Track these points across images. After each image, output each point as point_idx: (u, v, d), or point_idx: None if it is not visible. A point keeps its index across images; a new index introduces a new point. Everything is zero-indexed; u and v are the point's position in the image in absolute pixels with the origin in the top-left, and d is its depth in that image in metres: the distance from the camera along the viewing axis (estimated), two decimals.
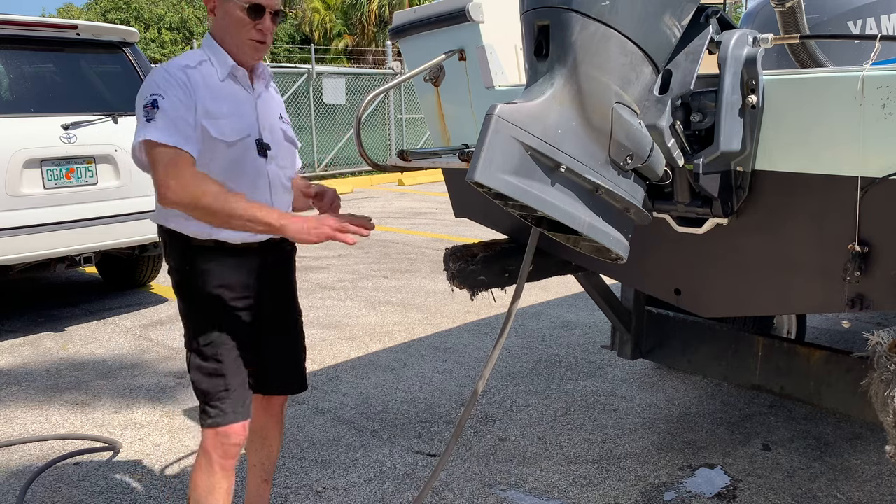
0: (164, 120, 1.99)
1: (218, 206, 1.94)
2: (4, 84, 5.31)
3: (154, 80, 2.06)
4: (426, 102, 2.85)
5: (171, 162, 1.98)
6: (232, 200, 1.96)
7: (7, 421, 3.79)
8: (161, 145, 1.98)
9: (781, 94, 1.80)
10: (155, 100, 2.00)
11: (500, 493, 3.01)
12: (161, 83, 2.04)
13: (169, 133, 1.99)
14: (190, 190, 1.96)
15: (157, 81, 2.04)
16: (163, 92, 2.01)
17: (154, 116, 1.99)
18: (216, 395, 2.22)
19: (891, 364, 1.83)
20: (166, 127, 1.99)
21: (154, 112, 1.99)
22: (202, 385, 2.23)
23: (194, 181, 1.97)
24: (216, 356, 2.21)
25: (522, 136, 1.59)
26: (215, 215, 1.97)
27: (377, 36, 29.69)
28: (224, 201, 1.95)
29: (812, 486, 3.02)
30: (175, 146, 1.99)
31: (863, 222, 1.78)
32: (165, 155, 1.98)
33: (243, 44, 2.15)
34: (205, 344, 2.21)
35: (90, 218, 5.20)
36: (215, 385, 2.22)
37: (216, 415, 2.23)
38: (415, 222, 9.73)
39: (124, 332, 5.23)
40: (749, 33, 1.81)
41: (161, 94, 2.01)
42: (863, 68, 1.65)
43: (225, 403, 2.23)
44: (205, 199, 1.95)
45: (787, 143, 1.83)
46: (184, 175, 1.97)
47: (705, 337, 3.06)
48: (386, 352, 4.76)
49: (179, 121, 2.01)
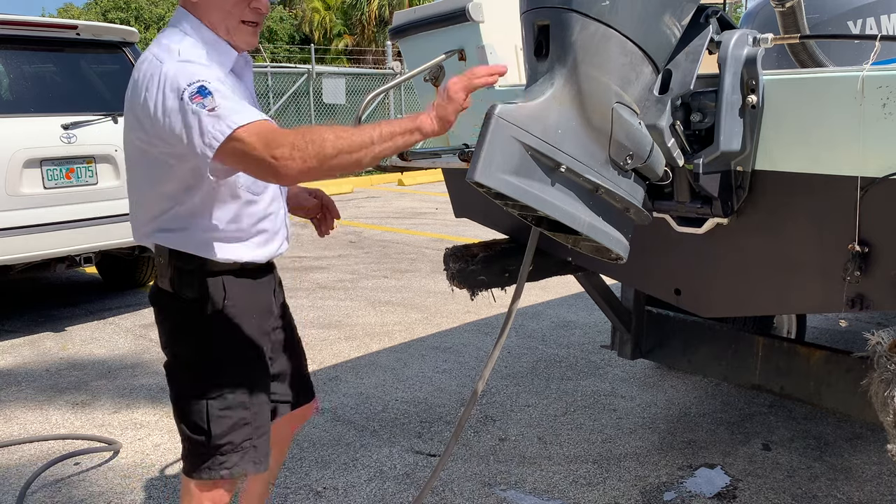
0: (227, 101, 1.64)
1: (346, 145, 1.60)
2: (4, 84, 5.31)
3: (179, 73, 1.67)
4: (426, 102, 2.85)
5: (270, 133, 1.62)
6: (352, 133, 1.63)
7: (7, 421, 3.79)
8: (246, 126, 1.62)
9: (781, 94, 1.80)
10: (202, 86, 1.64)
11: (500, 493, 3.01)
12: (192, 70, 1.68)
13: (246, 111, 1.64)
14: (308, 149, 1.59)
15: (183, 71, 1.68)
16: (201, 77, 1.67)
17: (214, 105, 1.62)
18: (240, 446, 1.92)
19: (891, 364, 1.83)
20: (238, 107, 1.64)
21: (210, 100, 1.63)
22: (224, 438, 1.89)
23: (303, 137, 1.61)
24: (244, 403, 1.90)
25: (522, 136, 1.59)
26: (348, 159, 1.62)
27: (377, 36, 29.70)
28: (346, 137, 1.61)
29: (812, 485, 3.02)
30: (263, 119, 1.66)
31: (863, 222, 1.78)
32: (258, 131, 1.62)
33: (237, 27, 1.83)
34: (230, 390, 1.88)
35: (90, 218, 5.20)
36: (240, 436, 1.91)
37: (237, 463, 1.92)
38: (415, 222, 9.73)
39: (124, 332, 5.23)
40: (749, 33, 1.81)
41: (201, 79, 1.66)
42: (863, 68, 1.65)
43: (248, 454, 1.93)
44: (328, 149, 1.60)
45: (787, 143, 1.83)
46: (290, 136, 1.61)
47: (705, 337, 3.06)
48: (386, 352, 4.76)
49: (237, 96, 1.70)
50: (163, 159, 1.76)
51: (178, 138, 1.66)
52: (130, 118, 1.78)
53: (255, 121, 1.63)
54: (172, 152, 1.72)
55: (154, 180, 1.82)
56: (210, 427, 1.88)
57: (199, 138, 1.62)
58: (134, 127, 1.77)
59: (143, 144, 1.77)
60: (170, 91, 1.66)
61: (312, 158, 1.58)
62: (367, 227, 9.40)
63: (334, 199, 2.33)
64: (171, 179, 1.79)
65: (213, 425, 1.88)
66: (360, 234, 8.90)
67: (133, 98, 1.76)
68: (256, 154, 1.60)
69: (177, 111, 1.64)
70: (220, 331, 1.89)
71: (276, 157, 1.58)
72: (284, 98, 13.68)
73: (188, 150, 1.67)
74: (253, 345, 1.95)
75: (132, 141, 1.81)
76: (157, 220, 1.86)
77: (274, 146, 1.58)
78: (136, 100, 1.73)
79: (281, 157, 1.58)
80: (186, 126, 1.64)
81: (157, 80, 1.68)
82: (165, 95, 1.66)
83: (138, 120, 1.75)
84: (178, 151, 1.70)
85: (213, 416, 1.88)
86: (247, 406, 1.91)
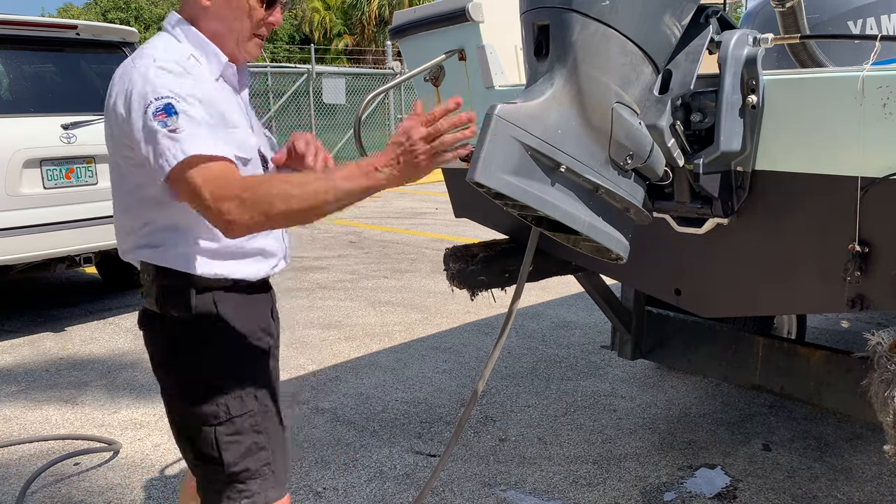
0: (191, 126, 1.54)
1: (296, 205, 1.51)
2: (4, 84, 5.31)
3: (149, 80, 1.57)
4: (426, 102, 2.85)
5: (222, 178, 1.52)
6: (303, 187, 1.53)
7: (7, 421, 3.79)
8: (203, 160, 1.52)
9: (781, 94, 1.80)
10: (169, 104, 1.54)
11: (500, 494, 3.01)
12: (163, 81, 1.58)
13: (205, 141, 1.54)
14: (256, 206, 1.49)
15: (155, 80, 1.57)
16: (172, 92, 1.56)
17: (176, 126, 1.53)
18: (258, 472, 1.77)
19: (891, 364, 1.83)
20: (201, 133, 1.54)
21: (173, 120, 1.53)
22: (238, 465, 1.75)
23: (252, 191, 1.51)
24: (256, 426, 1.76)
25: (522, 136, 1.59)
26: (298, 216, 1.54)
27: (377, 36, 29.71)
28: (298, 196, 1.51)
29: (812, 486, 3.02)
30: (221, 154, 1.55)
31: (863, 222, 1.78)
32: (211, 172, 1.52)
33: (247, 39, 1.74)
34: (239, 414, 1.73)
35: (90, 218, 5.20)
36: (258, 461, 1.77)
37: (258, 491, 1.77)
38: (415, 222, 9.72)
39: (124, 332, 5.23)
40: (749, 33, 1.81)
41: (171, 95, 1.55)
42: (863, 68, 1.65)
43: (268, 480, 1.79)
44: (277, 207, 1.50)
45: (787, 143, 1.83)
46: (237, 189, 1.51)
47: (705, 337, 3.05)
48: (386, 352, 4.76)
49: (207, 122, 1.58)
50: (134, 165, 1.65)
51: (139, 147, 1.57)
52: (106, 123, 1.72)
53: (212, 157, 1.53)
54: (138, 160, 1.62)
55: (129, 189, 1.71)
56: (222, 455, 1.73)
57: (153, 156, 1.55)
58: (107, 132, 1.71)
59: (114, 148, 1.69)
60: (137, 97, 1.57)
61: (260, 216, 1.50)
62: (367, 227, 9.40)
63: None
64: (143, 187, 1.66)
65: (224, 453, 1.73)
66: (360, 234, 8.90)
67: (107, 100, 1.68)
68: (203, 201, 1.51)
69: (139, 119, 1.56)
70: (214, 351, 1.74)
71: (221, 211, 1.50)
72: (284, 98, 13.68)
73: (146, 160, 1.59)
74: (254, 363, 1.80)
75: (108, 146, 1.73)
76: (137, 235, 1.74)
77: (221, 199, 1.50)
78: (108, 101, 1.67)
79: (227, 213, 1.49)
80: (145, 140, 1.56)
81: (126, 83, 1.61)
82: (132, 101, 1.58)
83: (109, 124, 1.68)
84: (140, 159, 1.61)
85: (222, 442, 1.73)
86: (258, 430, 1.77)
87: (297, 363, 4.47)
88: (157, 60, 1.62)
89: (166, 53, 1.66)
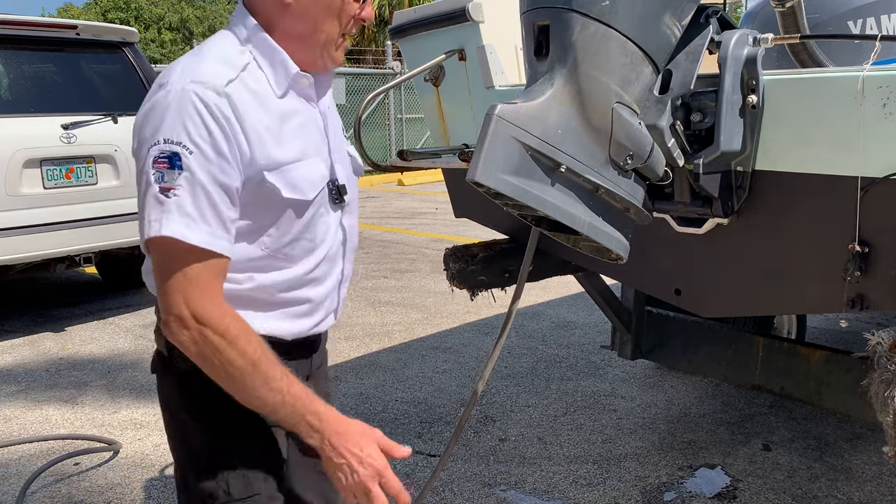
0: (191, 196, 1.24)
1: (247, 380, 1.28)
2: (4, 84, 5.31)
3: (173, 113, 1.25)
4: (426, 102, 2.85)
5: (193, 277, 1.25)
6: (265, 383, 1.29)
7: (6, 421, 3.79)
8: (181, 245, 1.24)
9: (781, 94, 1.80)
10: (175, 154, 1.23)
11: (500, 493, 3.01)
12: (186, 120, 1.24)
13: (195, 222, 1.24)
14: (213, 337, 1.25)
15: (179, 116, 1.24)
16: (189, 139, 1.24)
17: (174, 186, 1.23)
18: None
19: (891, 364, 1.83)
20: (193, 210, 1.24)
21: (174, 177, 1.23)
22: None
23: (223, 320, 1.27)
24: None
25: (522, 136, 1.59)
26: (234, 385, 1.30)
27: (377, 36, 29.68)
28: (256, 374, 1.28)
29: (812, 486, 3.02)
30: (205, 247, 1.25)
31: (863, 222, 1.78)
32: (184, 261, 1.25)
33: (332, 42, 1.41)
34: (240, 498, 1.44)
35: (90, 218, 5.20)
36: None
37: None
38: (415, 222, 9.72)
39: (124, 332, 5.23)
40: (749, 33, 1.81)
41: (186, 142, 1.24)
42: (863, 68, 1.65)
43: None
44: (219, 372, 1.28)
45: (787, 143, 1.83)
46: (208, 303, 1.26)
47: (705, 337, 3.05)
48: (386, 352, 4.76)
49: (214, 195, 1.26)
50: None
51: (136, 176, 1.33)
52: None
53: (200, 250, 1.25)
54: None
55: None
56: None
57: (138, 205, 1.30)
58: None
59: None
60: (151, 126, 1.27)
61: (210, 347, 1.25)
62: (367, 227, 9.40)
63: None
64: None
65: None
66: (360, 234, 8.88)
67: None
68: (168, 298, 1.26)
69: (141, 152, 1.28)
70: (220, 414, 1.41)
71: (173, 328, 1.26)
72: None
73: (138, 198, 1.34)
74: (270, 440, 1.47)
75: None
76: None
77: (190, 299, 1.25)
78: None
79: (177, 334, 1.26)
80: (137, 180, 1.30)
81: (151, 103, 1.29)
82: (146, 124, 1.28)
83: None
84: None
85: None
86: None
87: None
88: (197, 81, 1.28)
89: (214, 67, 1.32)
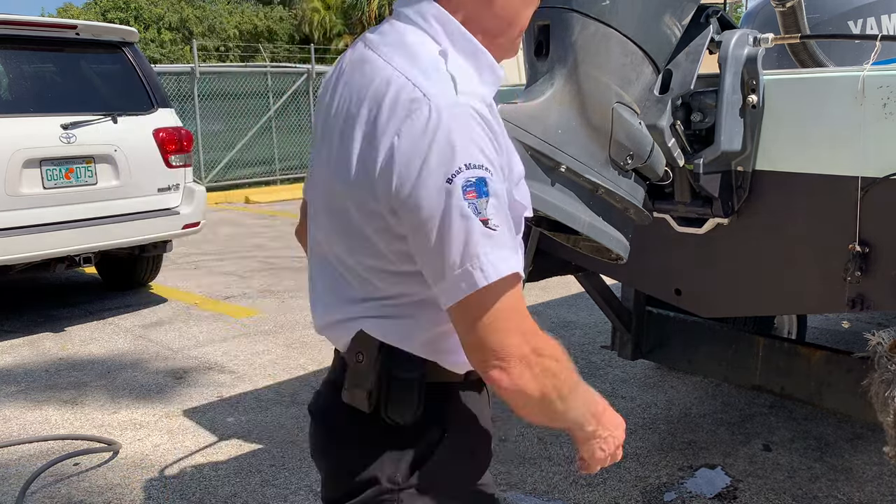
0: (505, 222, 1.07)
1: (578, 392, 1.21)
2: (4, 84, 5.31)
3: (459, 134, 1.04)
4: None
5: (522, 309, 1.10)
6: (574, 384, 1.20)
7: (6, 421, 3.79)
8: (513, 282, 1.08)
9: (782, 94, 1.80)
10: (481, 179, 1.04)
11: (500, 494, 3.01)
12: (476, 138, 1.05)
13: (514, 250, 1.08)
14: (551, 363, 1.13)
15: (468, 136, 1.05)
16: (486, 158, 1.05)
17: (489, 217, 1.04)
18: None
19: (891, 364, 1.83)
20: (508, 236, 1.07)
21: (485, 205, 1.03)
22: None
23: (549, 341, 1.15)
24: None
25: (522, 136, 1.59)
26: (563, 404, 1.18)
27: None
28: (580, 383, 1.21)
29: (813, 486, 3.01)
30: (520, 273, 1.10)
31: (863, 222, 1.78)
32: (515, 295, 1.09)
33: (517, 38, 1.24)
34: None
35: (89, 218, 5.20)
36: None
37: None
38: None
39: (124, 333, 5.22)
40: (749, 33, 1.81)
41: (485, 164, 1.05)
42: (863, 68, 1.65)
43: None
44: (568, 380, 1.17)
45: (787, 143, 1.83)
46: (538, 331, 1.13)
47: (705, 337, 3.05)
48: None
49: (508, 215, 1.10)
50: (388, 233, 1.12)
51: (419, 224, 1.06)
52: (344, 144, 1.14)
53: (519, 276, 1.08)
54: (399, 231, 1.11)
55: (373, 253, 1.16)
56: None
57: (456, 253, 1.04)
58: (347, 161, 1.13)
59: (350, 194, 1.14)
60: (437, 157, 1.03)
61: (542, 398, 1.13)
62: None
63: None
64: (405, 259, 1.14)
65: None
66: None
67: (356, 122, 1.12)
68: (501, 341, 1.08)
69: (436, 195, 1.03)
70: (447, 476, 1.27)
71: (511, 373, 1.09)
72: (284, 98, 13.66)
73: (427, 250, 1.07)
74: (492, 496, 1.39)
75: (340, 174, 1.15)
76: (369, 301, 1.20)
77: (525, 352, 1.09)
78: (367, 128, 1.10)
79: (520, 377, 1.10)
80: (443, 224, 1.04)
81: (421, 126, 1.04)
82: (427, 160, 1.03)
83: (345, 158, 1.13)
84: (404, 232, 1.10)
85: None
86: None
87: (297, 363, 4.47)
88: (464, 93, 1.07)
89: (460, 73, 1.10)
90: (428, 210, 1.04)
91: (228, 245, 8.34)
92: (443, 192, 1.03)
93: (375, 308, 1.19)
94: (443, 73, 1.09)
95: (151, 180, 5.52)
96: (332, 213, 1.20)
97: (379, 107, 1.08)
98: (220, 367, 4.46)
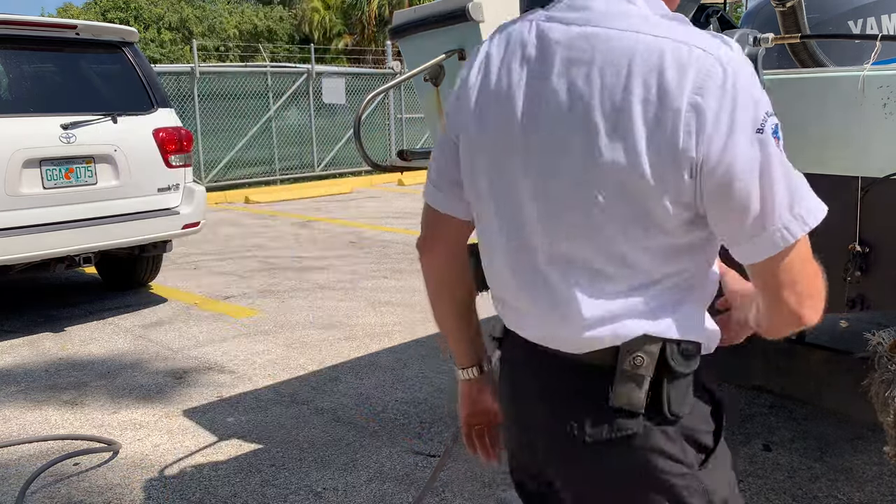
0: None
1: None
2: (4, 84, 5.32)
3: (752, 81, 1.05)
4: (426, 102, 2.85)
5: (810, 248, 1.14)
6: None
7: (6, 421, 3.79)
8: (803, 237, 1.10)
9: (781, 94, 1.79)
10: (777, 125, 1.07)
11: (501, 494, 3.00)
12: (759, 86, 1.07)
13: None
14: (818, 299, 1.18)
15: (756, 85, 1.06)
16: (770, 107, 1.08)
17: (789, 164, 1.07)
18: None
19: (891, 364, 1.83)
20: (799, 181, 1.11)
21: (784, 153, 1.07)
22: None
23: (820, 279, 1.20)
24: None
25: None
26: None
27: (377, 36, 29.70)
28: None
29: (813, 486, 3.01)
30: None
31: (863, 222, 1.78)
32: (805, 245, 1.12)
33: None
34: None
35: (89, 218, 5.20)
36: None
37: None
38: (415, 222, 9.70)
39: (124, 333, 5.23)
40: (749, 33, 1.81)
41: (771, 111, 1.08)
42: (863, 68, 1.65)
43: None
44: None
45: (787, 143, 1.83)
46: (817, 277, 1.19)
47: None
48: (386, 352, 4.75)
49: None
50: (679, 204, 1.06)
51: (733, 180, 1.03)
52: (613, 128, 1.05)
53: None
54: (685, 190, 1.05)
55: (644, 227, 1.08)
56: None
57: (783, 203, 1.05)
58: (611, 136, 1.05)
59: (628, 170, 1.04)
60: (743, 110, 1.01)
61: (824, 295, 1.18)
62: (367, 227, 9.39)
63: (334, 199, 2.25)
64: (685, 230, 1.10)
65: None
66: (360, 234, 8.90)
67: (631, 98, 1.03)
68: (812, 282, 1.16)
69: (750, 147, 1.02)
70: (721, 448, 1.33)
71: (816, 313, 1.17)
72: (284, 98, 13.67)
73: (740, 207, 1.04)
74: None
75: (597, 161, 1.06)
76: (635, 294, 1.12)
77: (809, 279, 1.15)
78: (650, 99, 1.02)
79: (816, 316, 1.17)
80: (764, 175, 1.03)
81: (719, 82, 1.01)
82: (735, 114, 1.01)
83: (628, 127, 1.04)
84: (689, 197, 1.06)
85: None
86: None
87: (297, 363, 4.47)
88: (731, 44, 1.06)
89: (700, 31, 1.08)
90: (745, 163, 1.02)
91: (228, 245, 8.35)
92: (755, 143, 1.02)
93: (646, 301, 1.12)
94: (698, 31, 1.06)
95: (151, 180, 5.53)
96: (570, 210, 1.11)
97: (661, 74, 1.02)
98: (219, 368, 4.47)
